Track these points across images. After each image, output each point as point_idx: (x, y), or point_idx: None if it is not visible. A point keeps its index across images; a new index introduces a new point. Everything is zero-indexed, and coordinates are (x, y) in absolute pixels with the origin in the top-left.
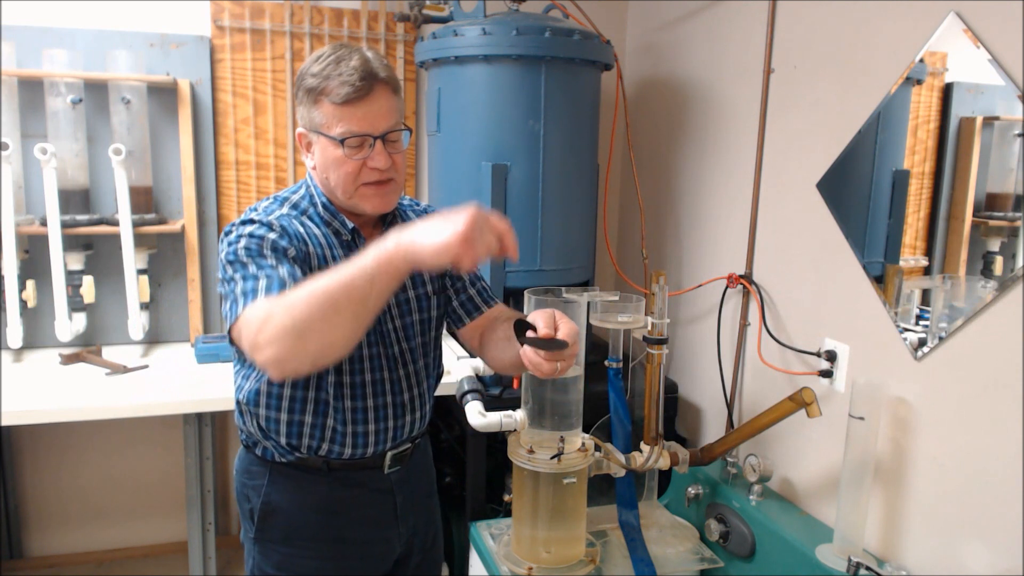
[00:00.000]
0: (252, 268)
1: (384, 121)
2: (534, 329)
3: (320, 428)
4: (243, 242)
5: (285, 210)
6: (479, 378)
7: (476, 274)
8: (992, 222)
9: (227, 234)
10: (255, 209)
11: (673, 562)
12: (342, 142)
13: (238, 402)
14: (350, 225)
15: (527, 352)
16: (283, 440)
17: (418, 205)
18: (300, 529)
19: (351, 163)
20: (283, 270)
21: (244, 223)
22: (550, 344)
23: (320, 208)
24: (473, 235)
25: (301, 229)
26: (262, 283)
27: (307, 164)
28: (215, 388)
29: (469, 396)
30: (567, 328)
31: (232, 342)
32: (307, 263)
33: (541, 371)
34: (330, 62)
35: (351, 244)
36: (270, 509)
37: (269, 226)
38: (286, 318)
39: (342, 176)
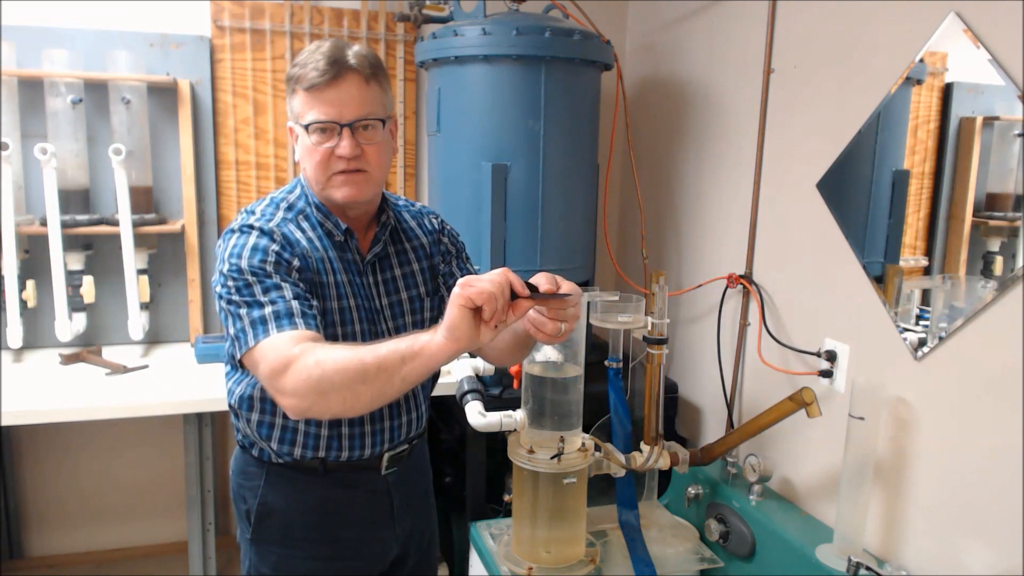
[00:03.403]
0: (258, 293)
1: (353, 109)
2: (536, 291)
3: (314, 436)
4: (246, 256)
5: (282, 213)
6: (479, 378)
7: (471, 272)
8: (992, 222)
9: (226, 239)
10: (252, 212)
11: (673, 562)
12: (307, 128)
13: (231, 406)
14: (343, 226)
15: (530, 314)
16: (275, 446)
17: (413, 206)
18: (297, 530)
19: (320, 151)
20: (289, 294)
21: (244, 229)
22: (554, 296)
23: (313, 208)
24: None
25: (298, 234)
26: (269, 311)
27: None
28: (215, 388)
29: (469, 396)
30: (569, 286)
31: (242, 365)
32: (308, 270)
33: (545, 331)
34: (309, 52)
35: (344, 245)
36: (266, 510)
37: (271, 235)
38: (313, 372)
39: (313, 166)
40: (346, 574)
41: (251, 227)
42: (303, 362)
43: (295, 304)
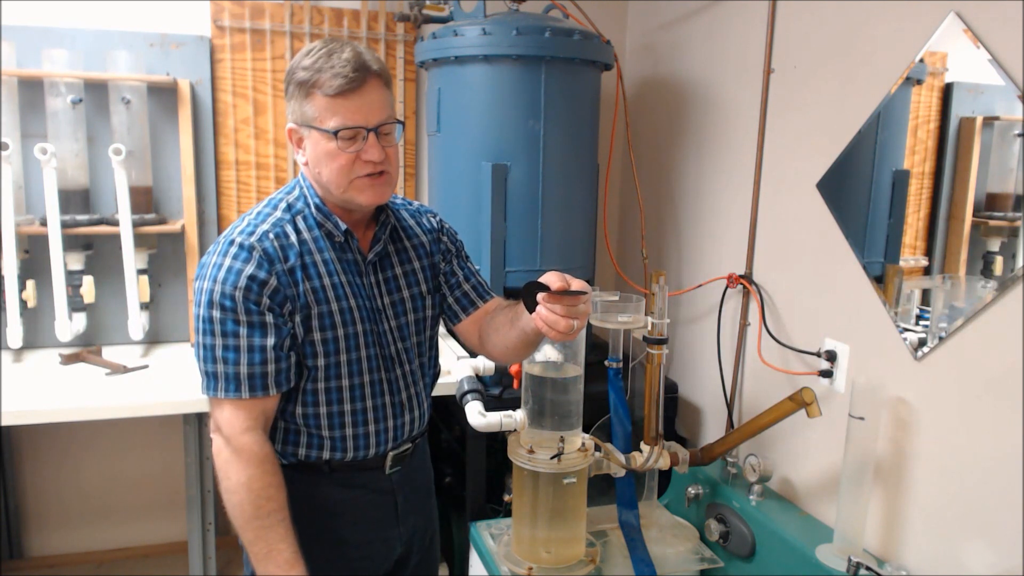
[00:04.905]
0: (217, 337)
1: (377, 114)
2: (546, 289)
3: (318, 438)
4: (217, 290)
5: (279, 214)
6: (479, 378)
7: (471, 270)
8: (992, 222)
9: (213, 249)
10: (243, 220)
11: (673, 562)
12: (335, 134)
13: None
14: (343, 227)
15: (541, 312)
16: (279, 447)
17: (411, 205)
18: (301, 531)
19: (344, 156)
20: (244, 344)
21: (227, 244)
22: (567, 293)
23: (313, 209)
24: None
25: (293, 237)
26: (220, 369)
27: (299, 161)
28: None
29: (469, 396)
30: (579, 283)
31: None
32: (288, 285)
33: (558, 329)
34: (321, 55)
35: (344, 246)
36: None
37: (250, 252)
38: (225, 497)
39: (335, 170)
40: (351, 574)
41: (232, 242)
42: (233, 472)
43: (244, 364)
